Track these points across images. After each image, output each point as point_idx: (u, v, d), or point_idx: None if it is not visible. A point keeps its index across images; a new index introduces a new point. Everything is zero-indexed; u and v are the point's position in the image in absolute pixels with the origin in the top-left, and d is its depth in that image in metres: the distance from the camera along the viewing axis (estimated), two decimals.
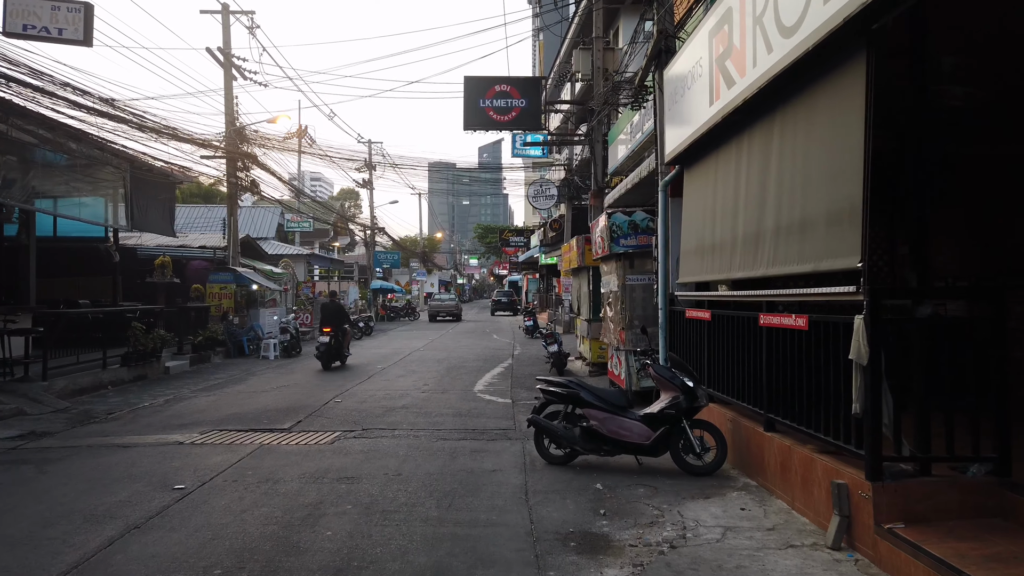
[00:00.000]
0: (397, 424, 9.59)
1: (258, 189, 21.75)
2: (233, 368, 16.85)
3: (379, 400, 11.68)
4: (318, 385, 13.60)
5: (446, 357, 19.11)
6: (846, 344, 4.63)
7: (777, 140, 5.95)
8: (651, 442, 6.89)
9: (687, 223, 8.74)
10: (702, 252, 7.95)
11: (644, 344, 10.87)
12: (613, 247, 10.85)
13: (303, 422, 9.80)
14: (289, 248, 31.12)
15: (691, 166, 8.67)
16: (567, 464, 7.31)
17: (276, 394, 12.49)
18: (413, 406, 11.07)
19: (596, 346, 15.03)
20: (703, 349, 7.94)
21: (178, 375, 15.50)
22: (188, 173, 19.20)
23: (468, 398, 11.94)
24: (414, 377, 14.77)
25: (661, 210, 9.42)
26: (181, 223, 27.96)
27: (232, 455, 7.80)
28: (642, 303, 11.06)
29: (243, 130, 21.10)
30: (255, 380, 14.61)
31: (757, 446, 6.34)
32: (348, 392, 12.62)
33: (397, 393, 12.45)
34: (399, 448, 8.11)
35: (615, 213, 10.94)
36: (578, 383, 7.40)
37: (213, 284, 19.91)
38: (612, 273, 11.49)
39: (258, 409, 10.88)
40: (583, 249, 15.04)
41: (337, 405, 11.21)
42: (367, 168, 43.03)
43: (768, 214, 6.04)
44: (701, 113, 7.55)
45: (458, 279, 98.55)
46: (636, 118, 14.16)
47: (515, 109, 18.31)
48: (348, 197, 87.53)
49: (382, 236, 48.88)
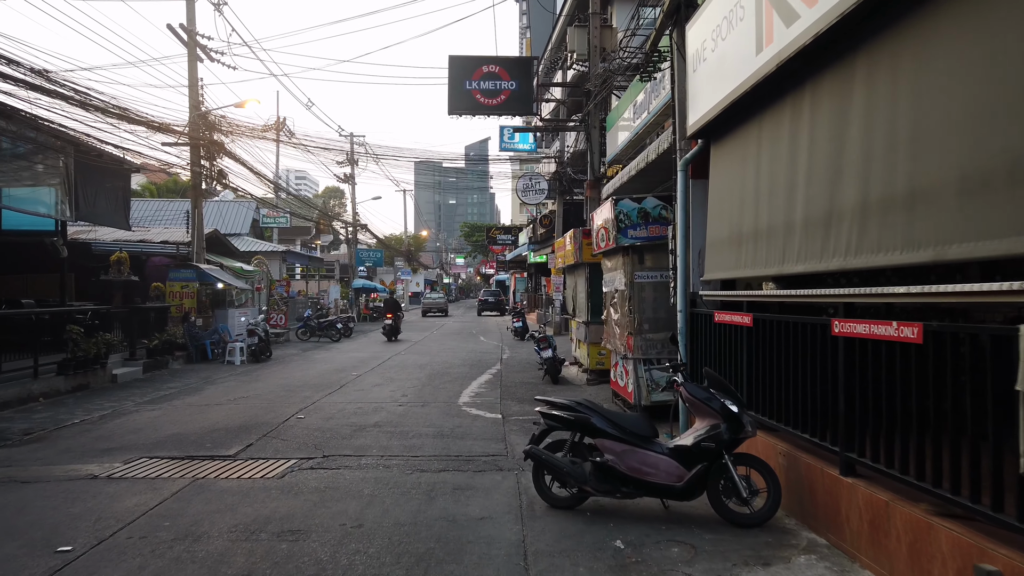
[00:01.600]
0: (366, 448, 8.03)
1: (226, 180, 20.05)
2: (192, 375, 15.18)
3: (348, 416, 10.10)
4: (282, 396, 11.99)
5: (429, 362, 17.54)
6: (987, 364, 3.15)
7: (862, 87, 4.46)
8: (684, 483, 5.38)
9: (715, 208, 7.25)
10: (738, 241, 6.45)
11: (660, 354, 9.40)
12: (620, 239, 9.34)
13: (254, 446, 8.21)
14: (263, 245, 29.36)
15: (721, 138, 7.18)
16: (575, 507, 5.80)
17: (232, 408, 10.88)
18: (387, 423, 9.50)
19: (595, 351, 13.52)
20: (740, 362, 6.45)
21: (127, 384, 13.83)
22: (148, 162, 17.50)
23: (452, 412, 10.39)
24: (392, 387, 13.19)
25: (680, 194, 7.92)
26: (144, 216, 26.22)
27: (153, 495, 6.20)
28: (653, 304, 9.56)
29: (208, 115, 19.39)
30: (213, 390, 12.97)
31: (828, 493, 4.84)
32: (314, 405, 11.03)
33: (370, 407, 10.87)
34: (364, 484, 6.54)
35: (622, 200, 9.43)
36: (588, 405, 5.87)
37: (173, 282, 18.21)
38: (618, 269, 9.99)
39: (205, 427, 9.27)
40: (580, 243, 13.53)
41: (299, 422, 9.62)
42: (349, 163, 41.37)
43: (848, 187, 4.54)
44: (740, 69, 6.04)
45: (444, 278, 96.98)
46: (640, 97, 12.68)
47: (504, 92, 16.80)
48: (333, 195, 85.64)
49: (364, 233, 47.13)
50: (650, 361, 9.47)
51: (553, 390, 12.86)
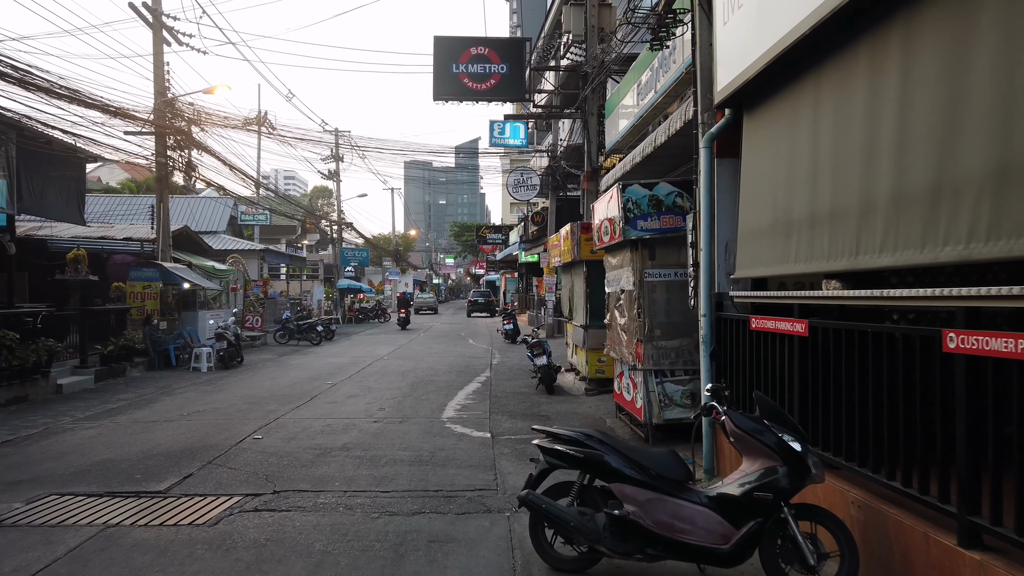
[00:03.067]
0: (327, 481, 6.69)
1: (195, 172, 18.63)
2: (149, 385, 13.78)
3: (314, 435, 8.75)
4: (242, 411, 10.62)
5: (412, 368, 16.19)
6: None
7: (990, 14, 3.17)
8: (731, 546, 4.07)
9: (751, 190, 5.96)
10: (785, 229, 5.17)
11: (675, 365, 8.11)
12: (628, 231, 8.04)
13: (194, 476, 6.86)
14: (240, 243, 27.87)
15: (759, 105, 5.89)
16: (584, 572, 4.49)
17: (182, 425, 9.50)
18: (358, 445, 8.16)
19: (594, 359, 12.23)
20: (787, 380, 5.16)
21: (73, 395, 12.41)
22: (104, 153, 16.08)
23: (434, 430, 9.07)
24: (369, 397, 11.84)
25: (704, 176, 6.63)
26: (110, 211, 24.73)
27: (43, 553, 4.85)
28: (666, 307, 8.27)
29: (175, 102, 17.97)
30: (167, 403, 11.57)
31: (937, 570, 3.54)
32: (278, 422, 9.67)
33: (341, 423, 9.53)
34: (317, 534, 5.20)
35: (631, 185, 8.13)
36: (600, 438, 4.55)
37: (135, 282, 16.76)
38: (624, 267, 8.69)
39: (143, 451, 7.91)
40: (578, 239, 12.23)
41: (254, 445, 8.26)
42: (333, 159, 39.94)
43: (972, 146, 3.26)
44: (792, 8, 4.76)
45: (434, 279, 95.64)
46: (645, 76, 11.38)
47: (494, 76, 15.49)
48: (321, 195, 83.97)
49: (351, 232, 45.70)
50: (663, 373, 8.18)
51: (548, 401, 11.56)
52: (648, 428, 8.16)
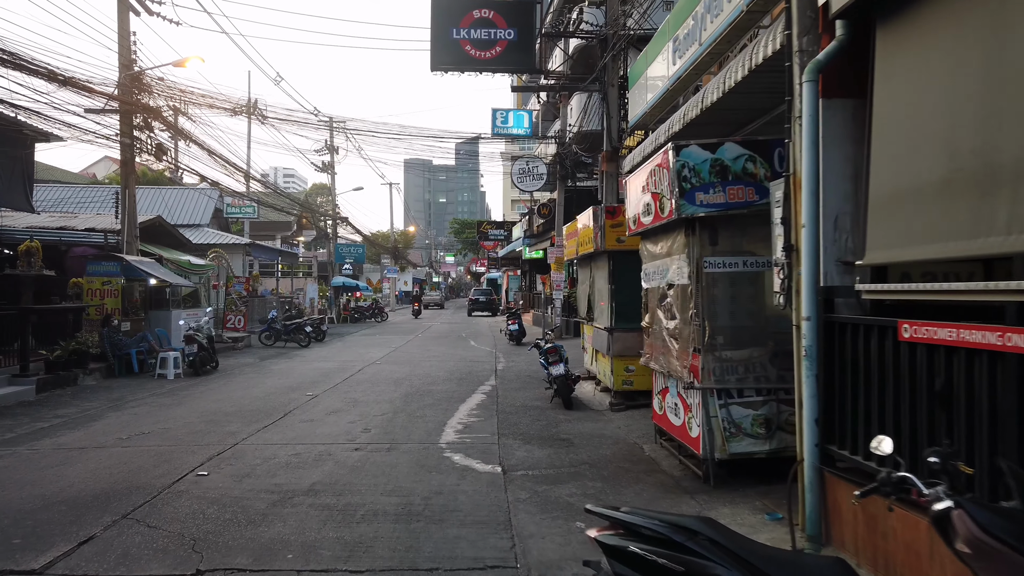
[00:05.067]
0: (277, 550, 4.78)
1: (166, 155, 16.70)
2: (100, 396, 11.86)
3: (276, 470, 6.85)
4: (196, 433, 8.71)
5: (408, 375, 14.28)
6: None
7: None
8: None
9: (891, 136, 4.05)
10: (950, 192, 3.26)
11: (744, 382, 6.20)
12: (684, 207, 6.12)
13: (94, 541, 4.95)
14: (224, 237, 25.91)
15: (901, 10, 3.98)
16: None
17: (114, 455, 7.60)
18: (328, 488, 6.26)
19: (620, 367, 10.32)
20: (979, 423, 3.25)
21: (3, 410, 10.48)
22: (59, 128, 14.15)
23: (429, 462, 7.16)
24: (353, 414, 9.94)
25: (807, 122, 4.71)
26: (75, 200, 22.74)
27: None
28: (731, 306, 6.37)
29: (142, 76, 16.06)
30: (110, 421, 9.67)
31: None
32: (235, 449, 7.77)
33: (314, 452, 7.62)
34: None
35: (687, 147, 6.19)
36: (710, 533, 2.63)
37: (93, 277, 14.84)
38: (673, 255, 6.77)
39: (45, 496, 6.01)
40: (603, 226, 10.30)
41: (195, 485, 6.36)
42: (328, 150, 38.03)
43: None
44: None
45: (433, 277, 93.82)
46: (683, 30, 9.45)
47: (500, 43, 13.57)
48: (320, 192, 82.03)
49: (347, 228, 43.76)
50: (727, 392, 6.27)
51: (567, 418, 9.66)
52: (708, 465, 6.25)
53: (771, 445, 6.21)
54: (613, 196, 13.50)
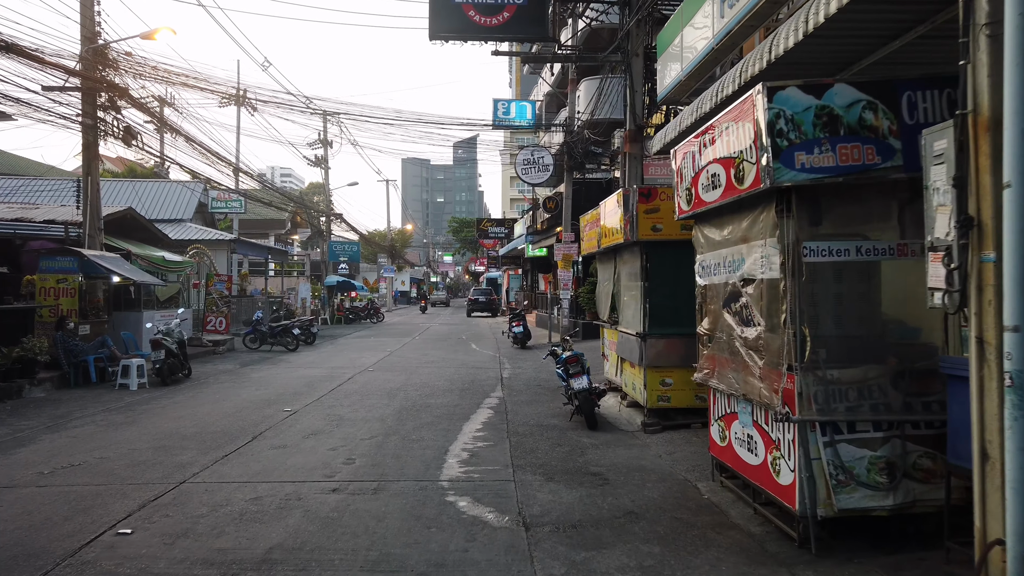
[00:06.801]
0: None
1: (134, 138, 14.98)
2: (43, 412, 10.15)
3: (225, 524, 5.17)
4: (141, 463, 7.02)
5: (403, 385, 12.61)
6: None
7: None
8: None
9: None
10: None
11: (856, 412, 4.51)
12: (780, 172, 4.45)
13: None
14: (206, 232, 24.16)
15: None
16: None
17: (20, 498, 5.92)
18: (292, 554, 4.58)
19: (655, 380, 8.65)
20: None
21: None
22: (6, 105, 12.45)
23: (427, 512, 5.49)
24: (336, 437, 8.26)
25: (1011, 29, 3.05)
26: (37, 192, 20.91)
27: None
28: (838, 307, 4.73)
29: (107, 49, 14.37)
30: (42, 445, 7.97)
31: None
32: (179, 490, 6.08)
33: (279, 495, 5.93)
34: None
35: (783, 91, 4.52)
36: None
37: (47, 275, 13.13)
38: (753, 240, 5.10)
39: None
40: (635, 211, 8.62)
41: (109, 551, 4.67)
42: (320, 143, 36.33)
43: None
44: None
45: (431, 277, 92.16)
46: None
47: (508, 8, 11.91)
48: (317, 191, 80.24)
49: (342, 226, 41.98)
50: (834, 426, 4.60)
51: (594, 443, 7.99)
52: (808, 524, 4.57)
53: (895, 499, 4.54)
54: (637, 181, 11.85)
